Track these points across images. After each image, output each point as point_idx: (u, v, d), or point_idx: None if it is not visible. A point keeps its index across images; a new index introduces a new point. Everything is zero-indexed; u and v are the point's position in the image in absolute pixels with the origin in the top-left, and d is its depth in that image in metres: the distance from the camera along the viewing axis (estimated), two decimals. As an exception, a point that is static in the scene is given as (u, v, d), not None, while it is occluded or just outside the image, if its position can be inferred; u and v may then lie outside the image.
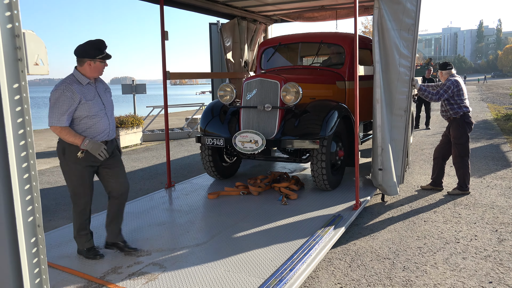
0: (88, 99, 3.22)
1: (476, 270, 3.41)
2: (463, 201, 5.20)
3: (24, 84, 1.11)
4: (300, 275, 3.03)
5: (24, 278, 1.14)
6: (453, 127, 5.43)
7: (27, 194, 1.15)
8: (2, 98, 1.06)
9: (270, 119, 4.97)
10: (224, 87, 5.39)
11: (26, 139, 1.13)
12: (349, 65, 5.91)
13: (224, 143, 5.06)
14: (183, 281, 2.99)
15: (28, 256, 1.16)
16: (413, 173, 6.78)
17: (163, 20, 5.31)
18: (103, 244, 3.61)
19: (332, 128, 4.81)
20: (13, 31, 1.08)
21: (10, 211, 1.12)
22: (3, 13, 1.06)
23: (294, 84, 4.87)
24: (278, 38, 6.77)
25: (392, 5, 4.94)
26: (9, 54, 1.08)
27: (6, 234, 1.13)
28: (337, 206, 4.57)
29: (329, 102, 5.12)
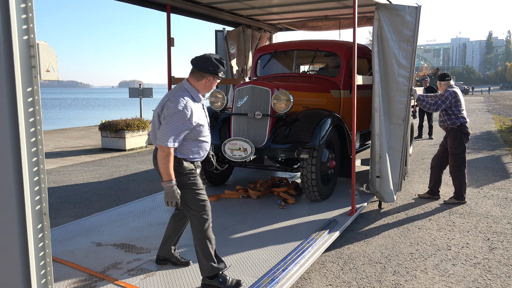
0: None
1: (465, 276, 3.51)
2: (458, 210, 5.29)
3: (37, 88, 1.26)
4: (291, 276, 3.15)
5: (30, 260, 1.29)
6: (450, 137, 5.53)
7: (36, 185, 1.30)
8: (17, 99, 1.21)
9: (261, 127, 4.91)
10: (215, 93, 5.31)
11: (37, 136, 1.28)
12: (344, 74, 5.88)
13: (213, 150, 4.88)
14: (180, 277, 3.13)
15: (35, 241, 1.30)
16: (412, 181, 6.88)
17: (169, 27, 5.49)
18: (105, 240, 3.76)
19: (323, 137, 4.72)
20: (28, 42, 1.23)
21: (20, 200, 1.27)
22: (20, 26, 1.21)
23: (285, 92, 4.81)
24: (274, 45, 6.77)
25: (392, 17, 5.08)
26: (24, 62, 1.24)
27: (16, 221, 1.27)
28: (333, 211, 4.68)
29: (321, 111, 5.03)
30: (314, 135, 4.65)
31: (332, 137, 5.07)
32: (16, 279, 1.24)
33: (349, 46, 5.95)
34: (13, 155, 1.23)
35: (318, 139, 4.67)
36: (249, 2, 5.97)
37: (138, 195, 6.06)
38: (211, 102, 5.32)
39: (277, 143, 4.78)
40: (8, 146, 1.22)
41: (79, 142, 12.47)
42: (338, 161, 5.30)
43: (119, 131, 10.53)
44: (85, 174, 7.74)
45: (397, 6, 5.11)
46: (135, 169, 8.20)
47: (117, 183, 7.00)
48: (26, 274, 1.24)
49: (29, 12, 1.23)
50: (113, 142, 10.67)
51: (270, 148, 4.77)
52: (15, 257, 1.27)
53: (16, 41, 1.20)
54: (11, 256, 1.26)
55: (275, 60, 6.59)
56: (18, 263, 1.25)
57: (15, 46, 1.20)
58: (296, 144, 4.68)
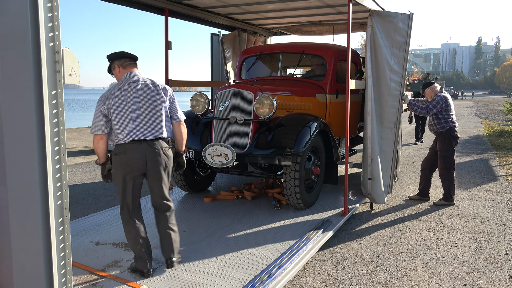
0: None
1: (453, 273, 3.65)
2: (447, 211, 5.45)
3: (60, 91, 1.36)
4: (287, 273, 3.26)
5: (52, 250, 1.39)
6: (439, 141, 5.70)
7: (58, 181, 1.40)
8: (43, 101, 1.31)
9: (243, 132, 4.72)
10: (196, 96, 5.14)
11: (59, 136, 1.38)
12: (331, 78, 5.77)
13: (194, 155, 4.79)
14: (178, 274, 3.22)
15: (56, 232, 1.40)
16: (402, 183, 7.03)
17: (167, 31, 5.58)
18: (104, 239, 3.83)
19: (306, 143, 4.52)
20: (53, 48, 1.33)
21: (44, 195, 1.36)
22: (47, 34, 1.31)
23: (268, 96, 4.64)
24: (259, 47, 6.59)
25: (385, 24, 5.24)
26: (50, 66, 1.33)
27: (40, 214, 1.37)
28: (327, 212, 4.81)
29: (305, 116, 4.85)
30: (297, 141, 4.47)
31: (317, 143, 4.91)
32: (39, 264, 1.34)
33: (336, 49, 5.96)
34: (39, 153, 1.33)
35: (302, 145, 4.48)
36: (245, 7, 6.09)
37: (134, 196, 6.12)
38: (192, 106, 5.12)
39: (259, 149, 4.60)
40: (35, 145, 1.32)
41: (72, 144, 12.47)
42: (323, 168, 5.16)
43: (113, 133, 10.53)
44: (79, 175, 7.78)
45: (390, 13, 5.27)
46: (129, 170, 8.24)
47: (112, 184, 7.03)
48: (48, 259, 1.34)
49: (55, 20, 1.33)
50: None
51: (252, 154, 4.59)
52: (39, 248, 1.36)
53: (44, 47, 1.30)
54: (36, 246, 1.36)
55: (261, 63, 6.42)
56: (41, 248, 1.34)
57: (43, 51, 1.30)
58: (278, 150, 4.49)
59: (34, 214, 1.34)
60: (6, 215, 1.32)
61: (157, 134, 3.19)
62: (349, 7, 4.58)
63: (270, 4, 5.79)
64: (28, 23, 1.26)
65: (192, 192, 5.58)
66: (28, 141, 1.32)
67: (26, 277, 1.37)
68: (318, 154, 5.04)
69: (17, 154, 1.31)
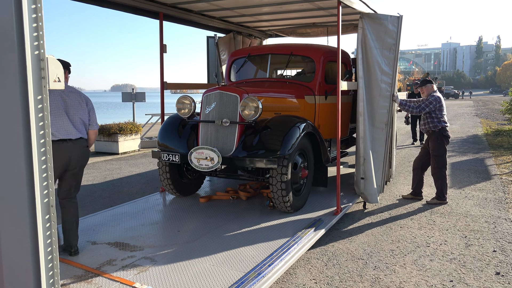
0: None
1: (440, 270, 3.73)
2: (439, 210, 5.53)
3: (46, 96, 1.45)
4: (277, 271, 3.35)
5: (40, 246, 1.48)
6: (431, 140, 5.78)
7: (44, 180, 1.49)
8: (29, 106, 1.40)
9: (229, 135, 4.69)
10: (181, 99, 5.08)
11: (45, 138, 1.47)
12: (320, 79, 5.75)
13: (180, 159, 4.76)
14: (171, 272, 3.31)
15: (43, 229, 1.49)
16: (397, 183, 7.11)
17: (162, 34, 5.68)
18: (100, 239, 3.92)
19: (292, 146, 4.49)
20: (39, 56, 1.43)
21: (31, 193, 1.46)
22: (32, 43, 1.40)
23: (254, 98, 4.58)
24: (248, 49, 6.56)
25: (375, 26, 5.33)
26: (35, 73, 1.43)
27: (27, 212, 1.46)
28: (319, 211, 4.89)
29: (291, 118, 4.80)
30: (283, 144, 4.44)
31: (304, 145, 4.88)
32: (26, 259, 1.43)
33: (325, 50, 5.97)
34: (26, 154, 1.42)
35: (287, 147, 4.45)
36: (240, 10, 6.19)
37: (131, 197, 6.22)
38: (178, 109, 5.08)
39: (245, 152, 4.56)
40: (21, 145, 1.41)
41: (72, 146, 12.56)
42: (311, 170, 5.13)
43: (112, 135, 10.67)
44: (78, 177, 7.87)
45: (380, 15, 5.36)
46: (128, 172, 8.35)
47: (111, 186, 7.15)
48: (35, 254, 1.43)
49: (40, 30, 1.42)
50: (106, 146, 10.81)
51: (238, 158, 4.55)
52: (27, 243, 1.45)
53: (29, 56, 1.39)
54: (24, 242, 1.45)
55: (250, 65, 6.41)
56: (29, 246, 1.43)
57: (28, 59, 1.39)
58: (264, 153, 4.47)
59: (22, 210, 1.43)
60: (-5, 212, 1.42)
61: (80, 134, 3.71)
62: (338, 10, 4.67)
63: (263, 7, 5.88)
64: (14, 33, 1.35)
65: (181, 196, 5.55)
66: (15, 142, 1.41)
67: (15, 273, 1.46)
68: (306, 156, 5.01)
69: (5, 154, 1.41)
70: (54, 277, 1.52)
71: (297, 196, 4.84)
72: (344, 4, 4.68)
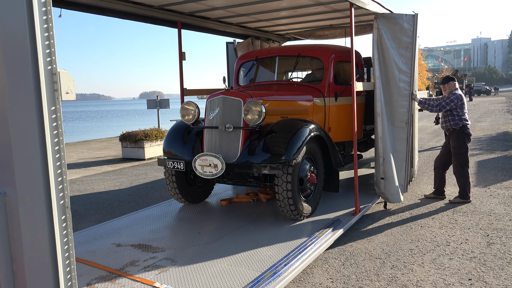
0: None
1: (459, 269, 3.70)
2: (462, 209, 5.45)
3: (59, 107, 1.59)
4: (293, 270, 3.41)
5: (57, 244, 1.61)
6: (452, 138, 5.71)
7: (60, 184, 1.62)
8: (43, 116, 1.54)
9: (233, 140, 4.57)
10: (185, 105, 4.99)
11: (60, 145, 1.61)
12: (329, 80, 5.60)
13: (184, 166, 4.65)
14: (190, 272, 3.43)
15: (60, 228, 1.62)
16: (420, 182, 7.03)
17: (180, 43, 5.86)
18: (124, 241, 4.09)
19: (298, 150, 4.34)
20: (51, 71, 1.57)
21: (47, 195, 1.59)
22: (45, 59, 1.55)
23: (256, 102, 4.46)
24: (255, 52, 6.41)
25: (390, 25, 5.33)
26: (49, 86, 1.57)
27: (44, 213, 1.60)
28: (338, 212, 4.92)
29: (297, 121, 4.66)
30: (288, 148, 4.30)
31: (312, 149, 4.70)
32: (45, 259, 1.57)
33: (333, 50, 5.85)
34: (42, 159, 1.56)
35: (292, 152, 4.30)
36: (256, 16, 6.30)
37: (156, 201, 6.41)
38: (182, 116, 4.99)
39: (249, 158, 4.43)
40: (38, 152, 1.55)
41: (101, 153, 13.00)
42: (320, 175, 4.93)
43: (138, 141, 10.98)
44: (106, 183, 8.16)
45: (395, 15, 5.36)
46: (153, 177, 8.58)
47: (136, 191, 7.38)
48: (53, 254, 1.56)
49: (52, 47, 1.56)
50: (132, 152, 11.13)
51: (242, 164, 4.42)
52: (45, 242, 1.59)
53: (42, 71, 1.53)
54: (42, 241, 1.59)
55: (258, 68, 6.25)
56: (47, 244, 1.57)
57: (41, 74, 1.53)
58: (268, 159, 4.33)
59: (38, 213, 1.57)
60: (16, 213, 1.56)
61: None
62: (351, 11, 4.71)
63: (279, 11, 5.97)
64: (29, 51, 1.50)
65: (189, 203, 5.46)
66: (33, 149, 1.55)
67: (36, 272, 1.61)
68: (315, 161, 4.85)
69: (23, 160, 1.55)
70: (71, 273, 1.64)
71: (305, 203, 4.66)
72: (356, 6, 4.71)
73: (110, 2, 4.79)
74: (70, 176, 9.12)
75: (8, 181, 1.55)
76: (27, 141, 1.55)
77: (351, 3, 4.63)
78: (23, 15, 1.50)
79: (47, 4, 1.56)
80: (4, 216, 1.56)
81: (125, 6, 4.97)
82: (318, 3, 5.45)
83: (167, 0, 5.09)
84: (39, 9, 1.54)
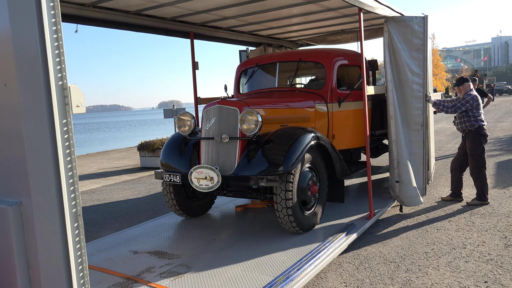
0: None
1: (475, 271, 3.66)
2: (480, 211, 5.37)
3: (70, 120, 1.68)
4: (305, 274, 3.44)
5: (70, 249, 1.69)
6: (468, 139, 5.65)
7: (72, 193, 1.71)
8: (55, 128, 1.63)
9: (230, 152, 4.38)
10: (180, 116, 4.82)
11: (71, 155, 1.70)
12: (331, 85, 5.38)
13: (181, 179, 4.47)
14: (204, 278, 3.49)
15: (72, 235, 1.70)
16: (437, 185, 6.95)
17: (193, 52, 5.98)
18: (141, 248, 4.18)
19: (296, 160, 4.10)
20: (62, 86, 1.66)
21: (60, 204, 1.68)
22: (56, 75, 1.64)
23: (252, 111, 4.23)
24: (255, 59, 6.20)
25: (401, 28, 5.33)
26: (60, 100, 1.66)
27: (58, 221, 1.68)
28: (352, 216, 4.92)
29: (295, 130, 4.43)
30: (286, 159, 4.07)
31: (313, 158, 4.47)
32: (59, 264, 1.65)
33: (335, 54, 5.67)
34: (54, 170, 1.65)
35: (290, 163, 4.06)
36: (267, 23, 6.38)
37: (173, 209, 6.51)
38: (178, 127, 4.83)
39: (246, 170, 4.20)
40: (51, 162, 1.64)
41: (120, 163, 13.24)
42: (323, 185, 4.66)
43: (155, 150, 11.16)
44: (125, 192, 8.33)
45: (405, 17, 5.37)
46: (171, 185, 8.71)
47: (154, 199, 7.50)
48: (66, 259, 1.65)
49: (62, 63, 1.66)
50: (150, 161, 11.31)
51: (238, 176, 4.21)
52: (59, 248, 1.67)
53: (53, 85, 1.62)
54: (55, 247, 1.67)
55: (258, 75, 6.05)
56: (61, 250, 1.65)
57: (53, 89, 1.62)
58: (265, 170, 4.10)
59: (53, 219, 1.66)
60: (32, 221, 1.65)
61: None
62: (360, 16, 4.74)
63: (290, 19, 6.03)
64: (40, 68, 1.59)
65: (189, 217, 5.26)
66: (46, 161, 1.64)
67: (50, 278, 1.69)
68: (317, 170, 4.60)
69: (37, 171, 1.64)
70: (85, 278, 1.72)
71: (306, 215, 4.40)
72: (365, 10, 4.74)
73: (124, 16, 4.95)
74: (90, 186, 9.33)
75: (24, 192, 1.65)
76: (41, 153, 1.64)
77: (360, 8, 4.66)
78: (34, 34, 1.60)
79: (57, 24, 1.66)
80: (20, 224, 1.66)
81: (139, 20, 5.12)
82: (327, 9, 5.50)
83: (179, 12, 5.23)
84: (50, 28, 1.64)
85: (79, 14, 4.44)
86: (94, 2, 4.46)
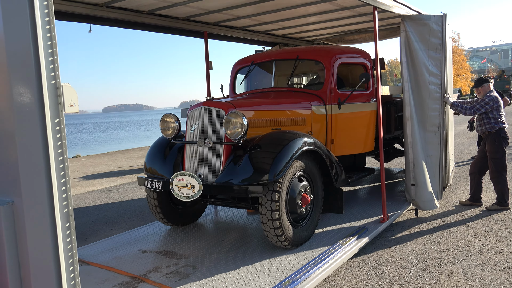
0: None
1: (491, 280, 3.52)
2: (499, 216, 5.18)
3: (62, 119, 1.67)
4: (312, 278, 3.37)
5: (60, 250, 1.68)
6: (488, 142, 5.46)
7: (63, 193, 1.70)
8: (47, 127, 1.62)
9: (214, 157, 4.04)
10: (164, 117, 4.50)
11: (63, 155, 1.69)
12: (330, 85, 4.97)
13: (162, 186, 4.13)
14: (209, 280, 3.46)
15: (63, 235, 1.69)
16: (456, 188, 6.76)
17: (207, 52, 5.96)
18: (150, 248, 4.19)
19: (284, 168, 3.71)
20: (55, 85, 1.65)
21: (51, 204, 1.67)
22: (49, 74, 1.63)
23: (237, 113, 3.85)
24: (251, 57, 5.85)
25: (418, 27, 5.19)
26: (53, 99, 1.65)
27: (48, 220, 1.67)
28: (365, 219, 4.81)
29: (284, 134, 4.01)
30: (272, 167, 3.69)
31: (306, 165, 4.08)
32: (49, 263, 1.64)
33: (336, 51, 5.33)
34: (45, 170, 1.64)
35: (277, 171, 3.68)
36: (282, 23, 6.31)
37: (186, 208, 6.52)
38: (162, 130, 4.50)
39: (229, 178, 3.84)
40: (42, 163, 1.63)
41: (138, 162, 13.38)
42: (318, 195, 4.28)
43: (173, 150, 11.22)
44: (140, 191, 8.39)
45: (422, 16, 5.23)
46: (186, 184, 8.73)
47: (169, 198, 7.53)
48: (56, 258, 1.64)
49: (55, 62, 1.65)
50: (168, 160, 11.38)
51: (220, 185, 3.83)
52: (49, 249, 1.66)
53: (45, 85, 1.62)
54: (45, 248, 1.66)
55: (254, 74, 5.69)
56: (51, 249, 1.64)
57: (45, 88, 1.62)
58: (249, 179, 3.73)
59: (44, 218, 1.65)
60: (23, 220, 1.64)
61: None
62: (374, 15, 4.64)
63: (305, 18, 5.95)
64: (33, 67, 1.59)
65: (176, 226, 4.93)
66: (37, 159, 1.64)
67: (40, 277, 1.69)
68: (311, 179, 4.21)
69: (29, 170, 1.64)
70: (75, 279, 1.71)
71: (297, 228, 4.02)
72: (380, 9, 4.63)
73: (138, 16, 4.97)
74: (107, 184, 9.45)
75: (15, 191, 1.64)
76: (33, 153, 1.63)
77: (374, 6, 4.55)
78: (27, 32, 1.60)
79: (50, 22, 1.65)
80: (12, 223, 1.66)
81: (152, 19, 5.13)
82: (342, 8, 5.40)
83: (192, 12, 5.22)
84: (43, 27, 1.63)
85: (92, 14, 4.47)
86: (107, 2, 4.48)
